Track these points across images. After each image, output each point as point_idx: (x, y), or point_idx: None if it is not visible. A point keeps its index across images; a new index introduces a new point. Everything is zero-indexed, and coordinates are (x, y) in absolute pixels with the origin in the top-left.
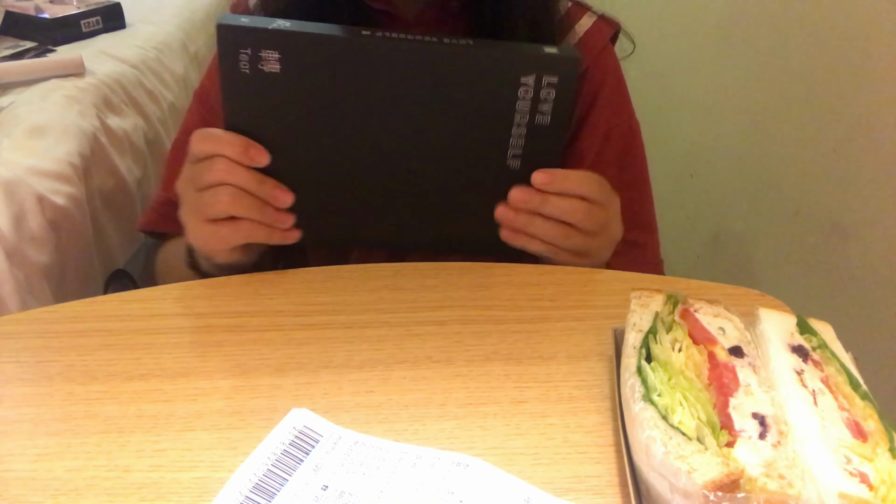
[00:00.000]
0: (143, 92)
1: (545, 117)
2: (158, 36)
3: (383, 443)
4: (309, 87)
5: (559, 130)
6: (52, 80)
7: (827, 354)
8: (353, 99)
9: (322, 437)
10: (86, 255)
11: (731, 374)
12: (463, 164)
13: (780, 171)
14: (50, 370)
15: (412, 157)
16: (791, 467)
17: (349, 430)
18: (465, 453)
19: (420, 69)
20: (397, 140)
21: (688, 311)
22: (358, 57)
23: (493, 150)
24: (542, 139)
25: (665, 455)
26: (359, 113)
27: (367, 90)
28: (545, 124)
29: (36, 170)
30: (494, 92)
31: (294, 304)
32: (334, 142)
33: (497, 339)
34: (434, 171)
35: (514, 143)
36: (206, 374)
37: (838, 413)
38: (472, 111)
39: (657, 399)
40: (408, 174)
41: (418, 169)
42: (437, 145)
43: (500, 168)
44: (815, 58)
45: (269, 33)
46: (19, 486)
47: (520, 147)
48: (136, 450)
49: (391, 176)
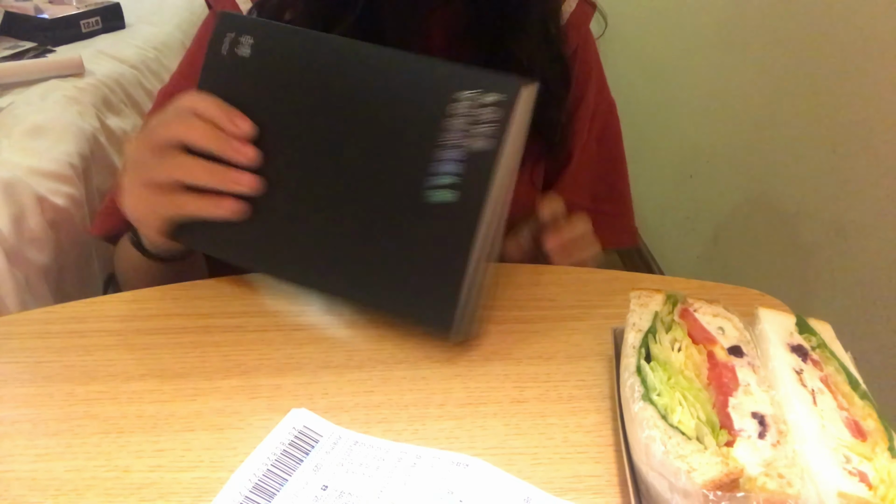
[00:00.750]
0: (142, 92)
1: (481, 141)
2: (158, 36)
3: (383, 443)
4: (267, 77)
5: (496, 156)
6: (52, 81)
7: (826, 354)
8: (299, 97)
9: (322, 438)
10: (85, 255)
11: (730, 373)
12: (380, 183)
13: (780, 171)
14: (49, 370)
15: (336, 169)
16: (790, 466)
17: (349, 430)
18: (464, 453)
19: (356, 75)
20: (325, 153)
21: (687, 310)
22: (310, 54)
23: (416, 172)
24: (476, 165)
25: (664, 454)
26: (301, 114)
27: (311, 89)
28: (481, 149)
29: (35, 170)
30: (422, 108)
31: (294, 304)
32: (277, 143)
33: (497, 338)
34: (353, 189)
35: (442, 168)
36: (206, 375)
37: (837, 412)
38: (397, 126)
39: (657, 399)
40: (332, 194)
41: (341, 184)
42: (357, 163)
43: (418, 193)
44: (815, 58)
45: (253, 21)
46: (19, 487)
47: (450, 172)
48: (136, 450)
49: (316, 194)
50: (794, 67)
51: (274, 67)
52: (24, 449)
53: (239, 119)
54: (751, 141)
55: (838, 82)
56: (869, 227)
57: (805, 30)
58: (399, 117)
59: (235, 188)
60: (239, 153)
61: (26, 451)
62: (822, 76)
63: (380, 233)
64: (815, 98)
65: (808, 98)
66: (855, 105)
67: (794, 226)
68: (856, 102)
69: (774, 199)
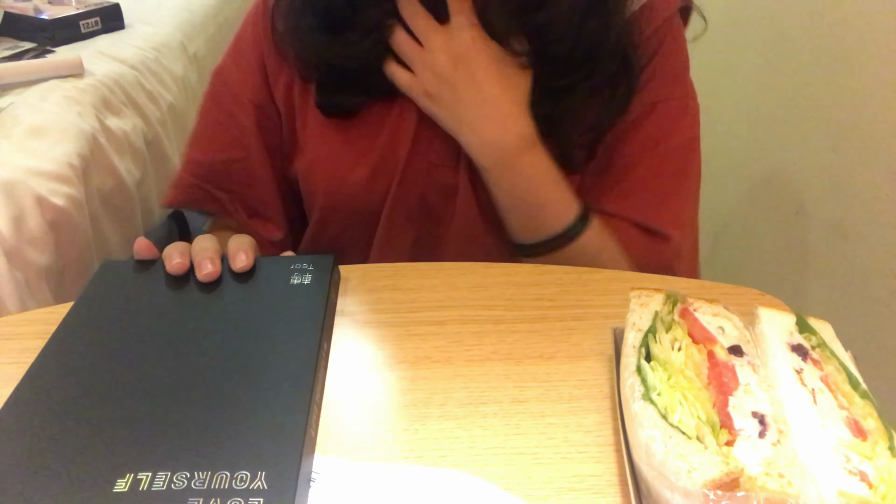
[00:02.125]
0: (142, 92)
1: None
2: (157, 37)
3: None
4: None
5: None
6: (52, 81)
7: (826, 353)
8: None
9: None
10: (85, 255)
11: (730, 373)
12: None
13: (780, 171)
14: None
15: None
16: (791, 466)
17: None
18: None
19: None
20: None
21: (687, 310)
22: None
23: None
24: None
25: (665, 454)
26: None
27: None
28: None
29: (35, 171)
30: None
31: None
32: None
33: (497, 338)
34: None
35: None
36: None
37: (838, 412)
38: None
39: (657, 398)
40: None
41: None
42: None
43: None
44: (815, 58)
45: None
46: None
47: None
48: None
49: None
50: (793, 68)
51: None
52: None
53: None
54: (751, 141)
55: (838, 82)
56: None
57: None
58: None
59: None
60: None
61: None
62: (821, 76)
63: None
64: (815, 98)
65: (808, 98)
66: (854, 105)
67: (794, 226)
68: (855, 102)
69: (774, 199)
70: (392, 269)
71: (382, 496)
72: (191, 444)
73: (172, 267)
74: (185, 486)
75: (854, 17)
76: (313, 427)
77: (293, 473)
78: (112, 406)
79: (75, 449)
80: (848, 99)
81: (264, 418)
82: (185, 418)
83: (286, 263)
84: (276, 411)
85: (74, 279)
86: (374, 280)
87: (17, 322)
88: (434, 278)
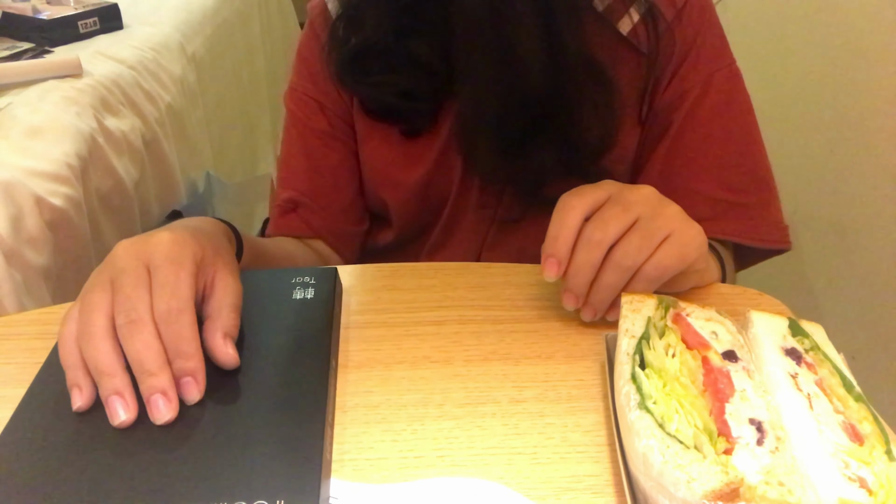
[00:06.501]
0: (140, 93)
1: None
2: (156, 37)
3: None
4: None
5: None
6: (50, 81)
7: (820, 356)
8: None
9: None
10: (84, 256)
11: (725, 379)
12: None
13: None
14: None
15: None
16: (790, 474)
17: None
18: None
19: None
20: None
21: (679, 315)
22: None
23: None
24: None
25: (663, 464)
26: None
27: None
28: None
29: (33, 171)
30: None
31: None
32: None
33: (495, 338)
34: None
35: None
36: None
37: (834, 416)
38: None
39: (653, 407)
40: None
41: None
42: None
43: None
44: (814, 58)
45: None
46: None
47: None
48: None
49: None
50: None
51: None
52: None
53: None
54: None
55: (837, 82)
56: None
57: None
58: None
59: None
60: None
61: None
62: (820, 76)
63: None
64: (814, 98)
65: (807, 98)
66: (853, 105)
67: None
68: (854, 102)
69: None
70: (391, 270)
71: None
72: (207, 476)
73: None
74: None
75: (854, 17)
76: (328, 451)
77: (313, 500)
78: (123, 440)
79: (89, 487)
80: (847, 99)
81: (280, 446)
82: (199, 449)
83: (288, 277)
84: (291, 438)
85: (73, 279)
86: (373, 280)
87: (15, 322)
88: (433, 279)
